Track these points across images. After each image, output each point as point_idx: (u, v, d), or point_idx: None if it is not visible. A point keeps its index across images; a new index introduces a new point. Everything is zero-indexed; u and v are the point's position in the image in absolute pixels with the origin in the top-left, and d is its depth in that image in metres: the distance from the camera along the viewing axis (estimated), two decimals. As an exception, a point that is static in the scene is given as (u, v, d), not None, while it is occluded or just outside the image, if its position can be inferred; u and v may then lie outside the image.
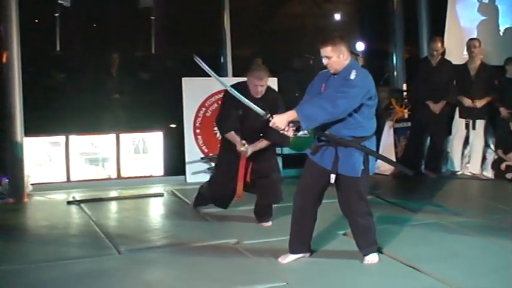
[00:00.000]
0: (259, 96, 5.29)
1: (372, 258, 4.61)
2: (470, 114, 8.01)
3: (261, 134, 5.35)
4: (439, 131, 8.18)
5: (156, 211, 6.55)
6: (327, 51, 4.40)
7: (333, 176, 4.43)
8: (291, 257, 4.62)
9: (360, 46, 9.63)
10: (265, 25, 10.72)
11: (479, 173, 8.06)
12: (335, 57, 4.41)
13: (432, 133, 8.24)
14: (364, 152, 4.43)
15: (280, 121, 4.33)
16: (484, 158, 8.13)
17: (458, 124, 8.15)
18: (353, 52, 7.95)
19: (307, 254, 4.69)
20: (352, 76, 4.34)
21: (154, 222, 6.02)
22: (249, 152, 5.33)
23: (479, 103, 7.93)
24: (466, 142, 8.23)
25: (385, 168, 8.22)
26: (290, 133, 4.38)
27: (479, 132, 8.06)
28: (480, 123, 8.04)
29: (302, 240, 4.64)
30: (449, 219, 5.76)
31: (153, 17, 9.17)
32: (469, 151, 8.23)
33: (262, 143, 5.38)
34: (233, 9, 8.35)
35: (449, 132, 8.31)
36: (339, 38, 4.48)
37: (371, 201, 6.50)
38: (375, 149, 4.62)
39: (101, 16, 9.91)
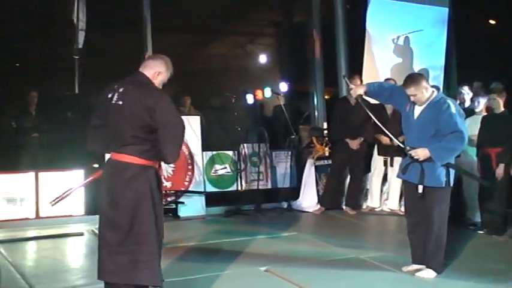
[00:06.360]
0: None
1: (428, 274, 5.05)
2: (388, 152, 8.21)
3: None
4: (358, 168, 8.39)
5: (75, 250, 6.40)
6: (411, 91, 5.01)
7: (420, 187, 4.98)
8: (414, 266, 5.18)
9: (283, 86, 9.81)
10: (189, 65, 10.83)
11: (398, 209, 8.23)
12: (419, 94, 4.99)
13: (351, 170, 8.44)
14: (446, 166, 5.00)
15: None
16: (401, 194, 8.28)
17: (377, 161, 8.35)
18: (274, 91, 8.15)
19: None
20: (453, 110, 4.94)
21: (73, 261, 5.90)
22: None
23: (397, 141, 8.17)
24: (385, 179, 8.46)
25: (307, 205, 8.38)
26: None
27: (397, 169, 8.27)
28: (397, 161, 8.27)
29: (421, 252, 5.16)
30: (366, 254, 5.89)
31: (77, 57, 9.08)
32: (387, 188, 8.46)
33: None
34: (155, 50, 8.39)
35: (369, 170, 8.53)
36: (419, 76, 5.11)
37: (294, 238, 6.66)
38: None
39: (23, 55, 9.80)
